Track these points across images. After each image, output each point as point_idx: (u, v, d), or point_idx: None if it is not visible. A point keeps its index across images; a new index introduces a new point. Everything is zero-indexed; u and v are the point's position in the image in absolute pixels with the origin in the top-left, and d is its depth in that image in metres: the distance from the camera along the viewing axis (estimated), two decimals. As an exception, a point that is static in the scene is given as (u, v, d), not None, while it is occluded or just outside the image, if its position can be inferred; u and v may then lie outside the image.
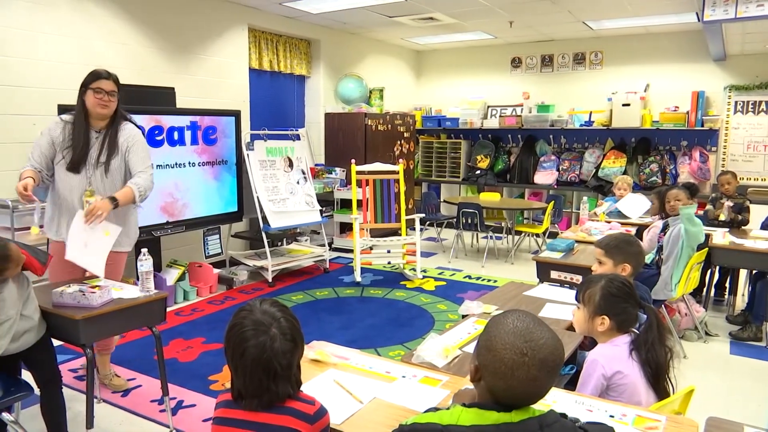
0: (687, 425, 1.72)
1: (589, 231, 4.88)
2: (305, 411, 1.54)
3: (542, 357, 1.23)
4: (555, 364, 1.26)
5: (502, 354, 1.23)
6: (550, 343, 1.25)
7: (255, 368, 1.50)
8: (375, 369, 2.05)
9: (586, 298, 2.15)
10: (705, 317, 4.72)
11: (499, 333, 1.27)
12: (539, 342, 1.24)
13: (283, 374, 1.52)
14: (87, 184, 3.14)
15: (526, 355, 1.21)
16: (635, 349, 2.04)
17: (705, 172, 7.56)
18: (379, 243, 6.22)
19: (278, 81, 7.45)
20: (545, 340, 1.25)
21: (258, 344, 1.50)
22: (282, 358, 1.51)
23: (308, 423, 1.53)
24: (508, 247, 7.64)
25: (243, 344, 1.51)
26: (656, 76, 8.03)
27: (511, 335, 1.25)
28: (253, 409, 1.53)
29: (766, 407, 3.49)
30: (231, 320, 1.58)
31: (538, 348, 1.23)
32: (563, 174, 8.39)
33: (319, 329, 4.60)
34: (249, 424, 1.53)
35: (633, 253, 2.76)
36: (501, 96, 9.17)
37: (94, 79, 3.10)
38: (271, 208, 5.82)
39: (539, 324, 1.29)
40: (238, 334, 1.53)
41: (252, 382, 1.51)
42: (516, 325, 1.27)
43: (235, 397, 1.56)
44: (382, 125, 7.89)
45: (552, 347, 1.26)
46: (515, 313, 1.32)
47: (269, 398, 1.52)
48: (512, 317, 1.31)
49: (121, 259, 3.40)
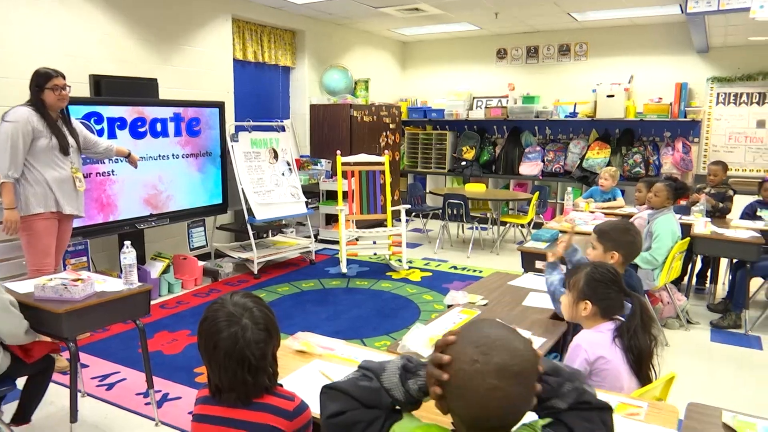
0: (667, 411, 1.75)
1: (574, 221, 4.91)
2: (284, 407, 1.52)
3: (499, 361, 1.04)
4: (519, 370, 1.05)
5: (452, 368, 1.08)
6: (508, 345, 1.06)
7: (228, 360, 1.48)
8: (360, 359, 2.04)
9: (572, 283, 2.18)
10: (686, 306, 4.79)
11: (452, 347, 1.11)
12: (494, 344, 1.06)
13: (257, 365, 1.50)
14: (71, 162, 3.73)
15: (477, 362, 1.04)
16: (618, 335, 2.07)
17: (688, 163, 7.64)
18: (364, 234, 6.22)
19: (263, 72, 7.40)
20: (502, 341, 1.06)
21: (230, 335, 1.48)
22: (255, 348, 1.49)
23: (287, 419, 1.51)
24: (494, 238, 7.68)
25: (215, 337, 1.49)
26: (640, 68, 8.08)
27: (460, 344, 1.09)
28: (232, 404, 1.52)
29: (744, 392, 3.55)
30: (203, 314, 1.56)
31: (492, 351, 1.04)
32: (548, 165, 8.44)
33: (305, 320, 4.60)
34: (227, 421, 1.52)
35: (624, 242, 2.76)
36: (486, 87, 9.18)
37: (48, 79, 3.55)
38: (256, 200, 5.79)
39: (501, 328, 1.11)
40: (210, 327, 1.51)
41: (227, 374, 1.50)
42: (469, 332, 1.11)
43: (213, 392, 1.55)
44: (367, 116, 7.87)
45: (511, 349, 1.06)
46: (477, 323, 1.15)
47: (246, 391, 1.51)
48: (466, 328, 1.15)
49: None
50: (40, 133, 3.54)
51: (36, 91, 3.55)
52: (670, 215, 4.28)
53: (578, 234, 4.53)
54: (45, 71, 3.57)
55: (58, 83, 3.57)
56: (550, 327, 2.49)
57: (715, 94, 7.72)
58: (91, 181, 4.57)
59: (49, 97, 3.56)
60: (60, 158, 3.66)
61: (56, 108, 3.65)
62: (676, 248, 4.20)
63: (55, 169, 3.64)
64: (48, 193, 3.63)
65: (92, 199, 4.59)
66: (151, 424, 3.05)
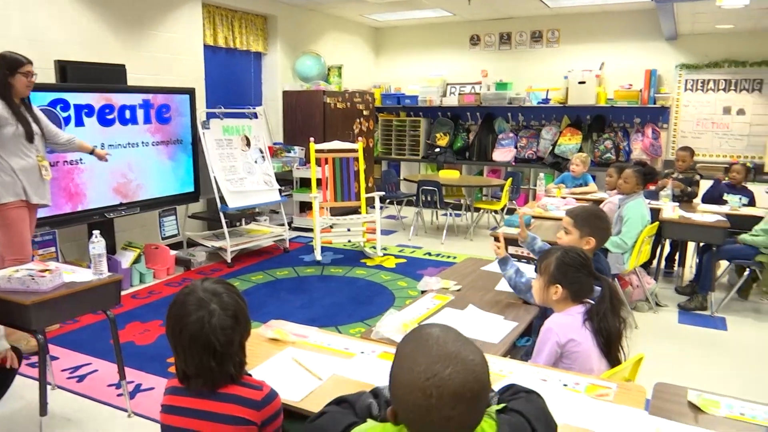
0: (636, 391, 1.78)
1: (546, 207, 4.98)
2: (252, 397, 1.51)
3: (452, 392, 1.00)
4: (474, 391, 1.03)
5: (406, 399, 1.04)
6: (461, 369, 1.02)
7: (194, 345, 1.46)
8: (334, 346, 2.06)
9: (543, 267, 2.21)
10: (655, 289, 4.89)
11: (399, 372, 1.07)
12: (445, 373, 1.01)
13: (222, 352, 1.47)
14: (36, 150, 3.67)
15: (432, 396, 1.00)
16: (588, 318, 2.10)
17: (657, 149, 7.77)
18: (339, 221, 6.21)
19: (234, 58, 7.29)
20: (451, 369, 1.01)
21: (197, 320, 1.46)
22: (221, 334, 1.47)
23: (255, 409, 1.50)
24: (468, 224, 7.73)
25: (182, 320, 1.48)
26: (611, 55, 8.16)
27: (412, 373, 1.03)
28: (199, 391, 1.50)
29: (710, 371, 3.66)
30: (173, 298, 1.55)
31: (444, 383, 1.00)
32: (521, 151, 8.50)
33: (279, 308, 4.59)
34: (196, 413, 1.50)
35: (600, 228, 2.81)
36: (460, 73, 9.19)
37: (20, 64, 3.52)
38: (229, 187, 5.73)
39: (451, 342, 1.07)
40: (178, 310, 1.50)
41: (192, 360, 1.48)
42: (416, 358, 1.05)
43: (181, 379, 1.54)
44: (341, 103, 7.82)
45: (464, 374, 1.02)
46: (422, 333, 1.11)
47: (212, 378, 1.49)
48: (411, 344, 1.09)
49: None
50: (5, 120, 3.48)
51: (4, 75, 3.48)
52: (640, 200, 4.35)
53: (549, 219, 4.61)
54: (15, 56, 3.53)
55: (30, 70, 3.55)
56: (522, 311, 2.52)
57: (684, 80, 7.84)
58: (59, 169, 4.46)
59: (20, 82, 3.52)
60: (26, 146, 3.60)
61: (23, 95, 3.61)
62: (646, 232, 4.28)
63: (21, 157, 3.59)
64: (16, 182, 3.58)
65: (60, 189, 4.49)
66: (124, 415, 3.02)
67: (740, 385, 3.47)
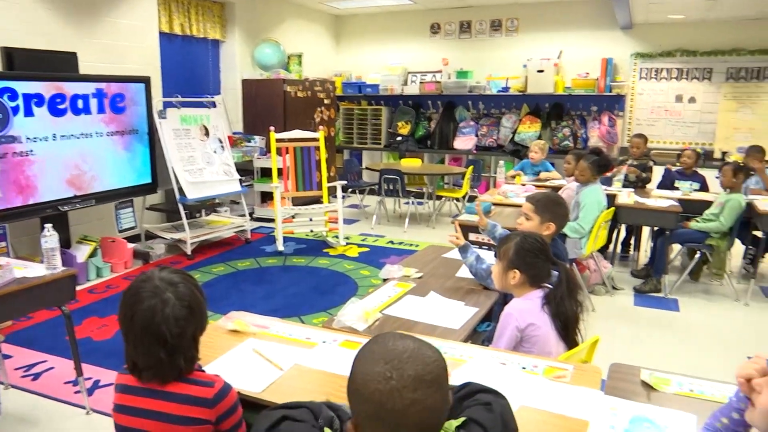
0: (591, 372, 1.83)
1: (506, 194, 5.05)
2: (203, 396, 1.47)
3: (413, 373, 1.01)
4: (434, 376, 1.03)
5: (365, 390, 1.02)
6: (419, 355, 1.04)
7: (144, 334, 1.43)
8: (295, 336, 2.05)
9: (502, 252, 2.24)
10: (612, 272, 5.02)
11: (357, 368, 1.07)
12: (403, 357, 1.02)
13: (173, 343, 1.43)
14: None
15: (392, 378, 1.00)
16: (546, 303, 2.15)
17: (613, 136, 7.95)
18: (301, 211, 6.17)
19: (191, 46, 7.13)
20: (412, 352, 1.04)
21: (149, 307, 1.43)
22: (173, 325, 1.43)
23: (208, 407, 1.47)
24: (430, 212, 7.78)
25: (134, 307, 1.44)
26: (568, 44, 8.29)
27: (370, 363, 1.04)
28: (150, 390, 1.47)
29: (663, 351, 3.78)
30: (128, 285, 1.51)
31: (404, 365, 1.01)
32: (482, 139, 8.58)
33: (241, 300, 4.55)
34: (148, 413, 1.47)
35: (559, 214, 2.86)
36: (421, 62, 9.20)
37: None
38: (188, 178, 5.62)
39: (405, 339, 1.08)
40: (131, 297, 1.46)
41: (141, 349, 1.44)
42: (374, 349, 1.07)
43: (131, 369, 1.50)
44: (301, 92, 7.74)
45: (424, 357, 1.04)
46: (376, 338, 1.12)
47: (161, 371, 1.45)
48: (371, 343, 1.10)
49: None
50: None
51: None
52: (596, 187, 4.45)
53: (510, 206, 4.67)
54: None
55: None
56: (482, 297, 2.55)
57: (639, 69, 8.03)
58: (8, 161, 4.31)
59: None
60: None
61: None
62: (602, 218, 4.38)
63: None
64: None
65: (9, 181, 4.33)
66: (82, 412, 2.96)
67: (691, 362, 3.59)
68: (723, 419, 1.33)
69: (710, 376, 1.81)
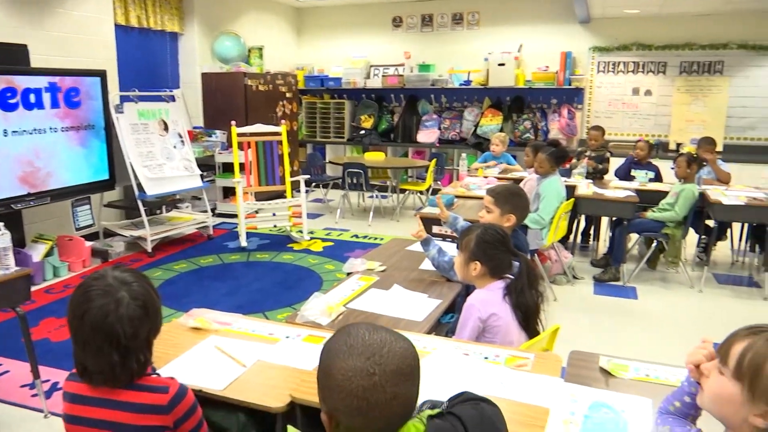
0: (552, 360, 1.87)
1: (468, 186, 5.09)
2: (158, 402, 1.41)
3: (394, 368, 1.03)
4: (411, 368, 1.07)
5: (347, 386, 1.02)
6: (396, 348, 1.06)
7: (95, 335, 1.36)
8: (258, 332, 2.04)
9: (463, 244, 2.27)
10: (572, 262, 5.12)
11: (334, 362, 1.06)
12: (383, 351, 1.04)
13: (127, 345, 1.37)
14: None
15: (375, 374, 1.01)
16: (508, 293, 2.18)
17: (572, 128, 8.09)
18: (264, 206, 6.11)
19: (148, 38, 6.97)
20: (389, 345, 1.05)
21: (101, 306, 1.36)
22: (127, 325, 1.36)
23: (164, 414, 1.41)
24: (394, 205, 7.80)
25: (84, 306, 1.37)
26: (528, 37, 8.39)
27: (349, 358, 1.04)
28: (102, 399, 1.40)
29: (622, 338, 3.88)
30: (79, 283, 1.45)
31: (385, 360, 1.03)
32: (444, 132, 8.64)
33: (204, 297, 4.49)
34: (101, 424, 1.40)
35: (520, 206, 2.90)
36: (383, 55, 9.19)
37: None
38: (147, 174, 5.50)
39: (377, 330, 1.09)
40: (81, 296, 1.39)
41: (92, 351, 1.37)
42: (351, 343, 1.06)
43: (80, 373, 1.43)
44: (263, 85, 7.66)
45: (401, 350, 1.06)
46: (344, 329, 1.12)
47: (113, 374, 1.38)
48: (342, 336, 1.09)
49: None
50: None
51: None
52: (556, 178, 4.53)
53: (472, 198, 4.72)
54: None
55: None
56: (445, 289, 2.58)
57: (596, 63, 8.18)
58: (-45, 158, 4.15)
59: None
60: None
61: None
62: (562, 209, 4.46)
63: None
64: None
65: (-43, 179, 4.17)
66: (40, 416, 2.88)
67: (649, 348, 3.70)
68: (676, 403, 1.38)
69: (667, 361, 1.87)
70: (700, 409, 1.35)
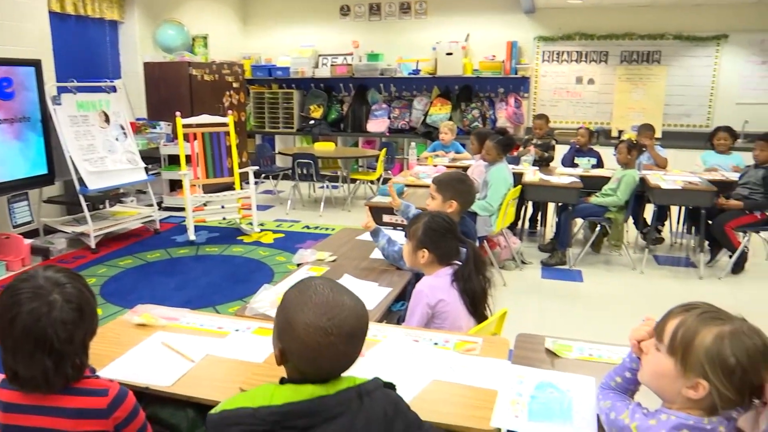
0: (500, 343, 1.91)
1: (418, 175, 5.13)
2: (97, 406, 1.36)
3: (348, 330, 1.18)
4: (362, 332, 1.23)
5: (306, 339, 1.16)
6: (353, 314, 1.20)
7: (26, 339, 1.29)
8: (207, 326, 2.01)
9: (411, 232, 2.29)
10: (521, 248, 5.24)
11: (298, 315, 1.18)
12: (342, 316, 1.18)
13: (60, 349, 1.30)
14: None
15: (332, 334, 1.15)
16: (455, 279, 2.21)
17: (519, 117, 8.24)
18: (212, 199, 6.00)
19: (86, 27, 6.70)
20: (348, 310, 1.19)
21: (31, 311, 1.29)
22: (61, 329, 1.30)
23: (103, 418, 1.36)
24: (345, 195, 7.79)
25: (13, 310, 1.30)
26: (475, 27, 8.47)
27: (311, 314, 1.17)
28: (37, 407, 1.34)
29: (568, 320, 4.00)
30: (6, 285, 1.37)
31: (342, 323, 1.17)
32: (394, 122, 8.66)
33: (152, 293, 4.38)
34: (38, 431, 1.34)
35: (461, 191, 2.94)
36: (331, 44, 9.11)
37: None
38: (88, 168, 5.32)
39: (339, 292, 1.22)
40: (9, 298, 1.31)
41: (22, 357, 1.30)
42: (315, 301, 1.19)
43: (10, 379, 1.35)
44: (208, 75, 7.49)
45: (357, 316, 1.21)
46: (311, 285, 1.23)
47: (46, 380, 1.32)
48: (308, 291, 1.21)
49: None
50: None
51: None
52: (503, 166, 4.61)
53: (422, 187, 4.75)
54: None
55: None
56: (396, 277, 2.60)
57: (541, 52, 8.34)
58: None
59: None
60: None
61: None
62: (510, 195, 4.55)
63: None
64: None
65: None
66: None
67: (593, 328, 3.82)
68: (617, 378, 1.44)
69: (611, 341, 1.93)
70: (639, 384, 1.41)
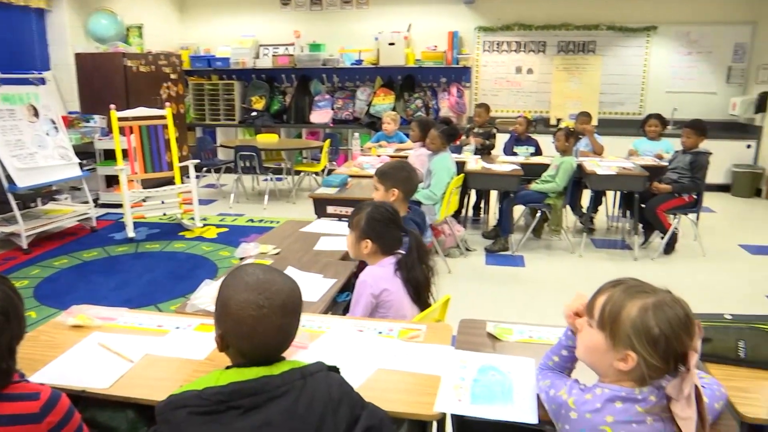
0: (443, 330, 1.94)
1: (362, 165, 5.13)
2: (29, 411, 1.31)
3: (280, 303, 1.23)
4: (295, 305, 1.28)
5: (240, 314, 1.21)
6: (285, 288, 1.26)
7: None
8: (146, 325, 1.95)
9: (354, 223, 2.29)
10: (465, 235, 5.32)
11: (232, 295, 1.24)
12: (273, 289, 1.23)
13: None
14: None
15: (264, 307, 1.21)
16: (399, 269, 2.23)
17: (462, 106, 8.34)
18: (151, 194, 5.83)
19: (10, 15, 6.36)
20: (279, 285, 1.25)
21: None
22: None
23: (36, 423, 1.31)
24: (290, 188, 7.71)
25: None
26: (417, 17, 8.50)
27: (244, 292, 1.22)
28: None
29: (511, 304, 4.10)
30: None
31: (273, 296, 1.22)
32: (338, 112, 8.61)
33: (89, 293, 4.23)
34: None
35: (401, 179, 2.96)
36: (272, 35, 8.96)
37: None
38: (16, 164, 5.07)
39: (270, 272, 1.29)
40: None
41: None
42: (247, 281, 1.25)
43: None
44: (144, 66, 7.25)
45: (288, 290, 1.26)
46: (243, 269, 1.30)
47: None
48: (241, 274, 1.28)
49: None
50: None
51: None
52: (446, 155, 4.67)
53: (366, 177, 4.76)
54: None
55: None
56: (340, 268, 2.59)
57: (482, 42, 8.45)
58: None
59: None
60: None
61: None
62: (453, 184, 4.61)
63: None
64: None
65: None
66: None
67: (535, 311, 3.93)
68: (554, 357, 1.50)
69: (551, 323, 1.99)
70: (575, 362, 1.47)
